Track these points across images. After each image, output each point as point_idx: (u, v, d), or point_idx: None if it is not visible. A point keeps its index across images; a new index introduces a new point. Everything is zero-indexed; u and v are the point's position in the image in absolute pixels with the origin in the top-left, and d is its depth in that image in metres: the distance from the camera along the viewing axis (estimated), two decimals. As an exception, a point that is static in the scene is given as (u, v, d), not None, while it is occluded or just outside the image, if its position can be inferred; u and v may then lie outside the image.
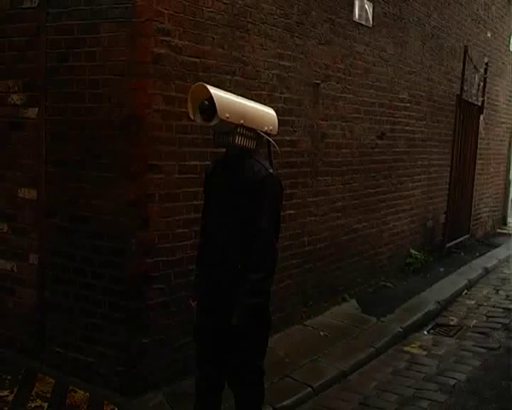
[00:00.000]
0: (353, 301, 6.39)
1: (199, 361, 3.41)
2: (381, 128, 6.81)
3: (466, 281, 7.65)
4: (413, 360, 5.25)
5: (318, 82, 5.58)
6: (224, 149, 3.37)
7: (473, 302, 7.05)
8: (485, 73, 9.73)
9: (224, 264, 3.22)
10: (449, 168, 8.93)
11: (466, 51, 8.91)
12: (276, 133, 3.38)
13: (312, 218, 5.69)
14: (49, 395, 4.00)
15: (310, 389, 4.41)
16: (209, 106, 3.09)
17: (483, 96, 9.71)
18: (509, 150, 11.93)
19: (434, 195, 8.58)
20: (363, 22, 6.23)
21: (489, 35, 10.00)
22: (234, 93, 3.48)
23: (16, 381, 4.16)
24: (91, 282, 4.12)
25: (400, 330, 5.74)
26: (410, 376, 4.91)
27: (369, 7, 6.28)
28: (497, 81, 10.64)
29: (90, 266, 4.12)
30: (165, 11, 3.88)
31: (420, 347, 5.56)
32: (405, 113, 7.37)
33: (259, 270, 3.16)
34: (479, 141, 9.88)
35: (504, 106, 11.22)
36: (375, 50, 6.53)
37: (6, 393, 3.99)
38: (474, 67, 9.29)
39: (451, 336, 5.87)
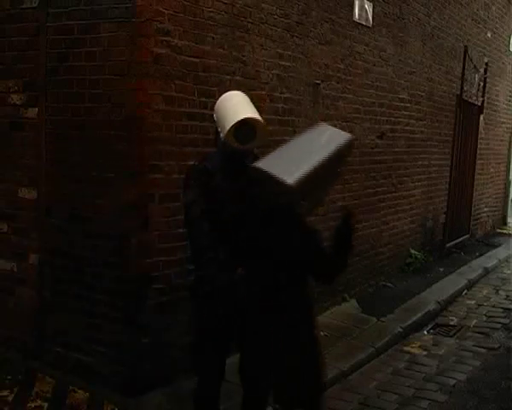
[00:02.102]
0: (353, 301, 6.38)
1: (205, 367, 3.30)
2: (380, 128, 6.80)
3: (466, 281, 7.65)
4: (413, 360, 5.25)
5: (318, 82, 5.57)
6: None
7: (473, 302, 7.05)
8: (485, 73, 9.73)
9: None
10: (449, 168, 8.93)
11: (466, 51, 8.91)
12: None
13: (312, 218, 5.67)
14: (49, 395, 3.99)
15: (310, 389, 4.40)
16: (246, 130, 3.14)
17: (483, 96, 9.71)
18: (509, 150, 11.93)
19: (434, 195, 8.58)
20: (363, 22, 6.22)
21: (489, 35, 9.99)
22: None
23: (16, 381, 4.15)
24: (91, 282, 4.12)
25: (400, 330, 5.74)
26: (410, 376, 4.90)
27: (369, 7, 6.28)
28: (497, 81, 10.63)
29: (90, 266, 4.12)
30: (165, 11, 3.88)
31: (420, 347, 5.56)
32: (405, 113, 7.37)
33: None
34: (479, 141, 9.88)
35: (504, 106, 11.22)
36: (375, 50, 6.53)
37: (6, 393, 3.98)
38: (474, 67, 9.29)
39: (451, 336, 5.87)
